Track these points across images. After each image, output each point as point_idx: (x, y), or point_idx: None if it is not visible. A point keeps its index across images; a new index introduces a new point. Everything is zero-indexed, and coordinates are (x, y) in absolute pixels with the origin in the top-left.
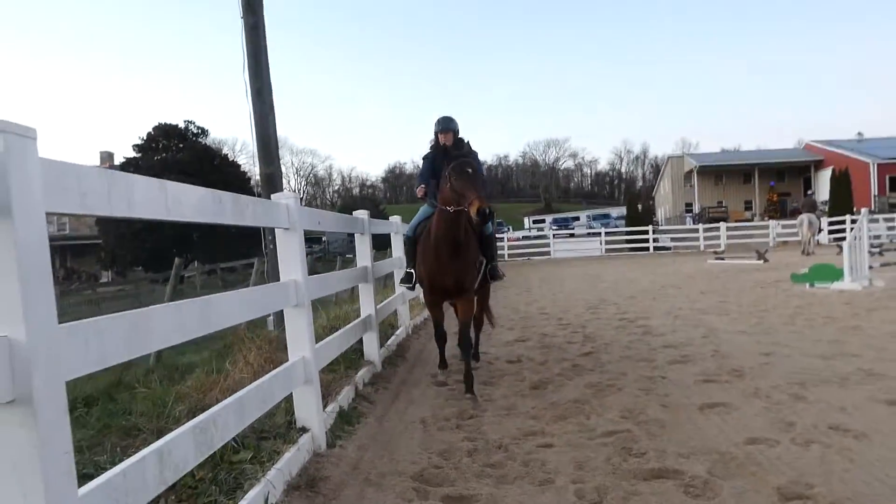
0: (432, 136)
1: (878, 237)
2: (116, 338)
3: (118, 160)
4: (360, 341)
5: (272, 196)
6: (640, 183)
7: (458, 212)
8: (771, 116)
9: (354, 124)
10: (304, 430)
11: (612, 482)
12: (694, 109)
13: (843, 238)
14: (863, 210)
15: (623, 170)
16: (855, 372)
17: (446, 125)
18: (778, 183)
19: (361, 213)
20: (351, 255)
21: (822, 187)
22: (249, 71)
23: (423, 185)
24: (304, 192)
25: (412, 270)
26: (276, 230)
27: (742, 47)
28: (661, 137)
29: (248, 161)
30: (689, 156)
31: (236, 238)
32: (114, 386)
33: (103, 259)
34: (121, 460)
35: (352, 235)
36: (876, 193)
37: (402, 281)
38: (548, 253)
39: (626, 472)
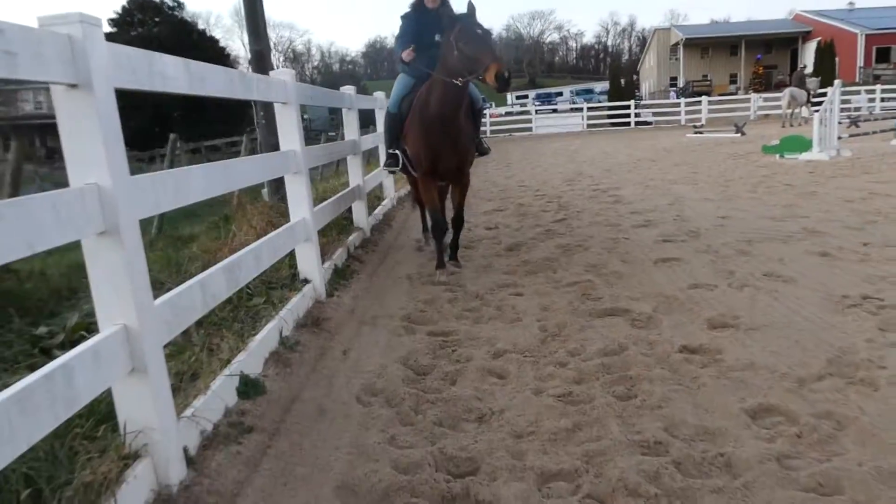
0: None
1: (857, 108)
2: (168, 190)
3: None
4: (350, 210)
5: (271, 73)
6: (626, 56)
7: (464, 83)
8: None
9: None
10: (306, 281)
11: (571, 319)
12: None
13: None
14: (836, 82)
15: (609, 43)
16: (799, 231)
17: None
18: (765, 55)
19: (348, 89)
20: (333, 133)
21: (809, 59)
22: None
23: (412, 47)
24: (281, 66)
25: (397, 151)
26: (274, 104)
27: None
28: (650, 8)
29: (224, 35)
30: (676, 27)
31: (218, 117)
32: None
33: None
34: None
35: (333, 112)
36: (862, 65)
37: (387, 164)
38: (530, 129)
39: (584, 311)
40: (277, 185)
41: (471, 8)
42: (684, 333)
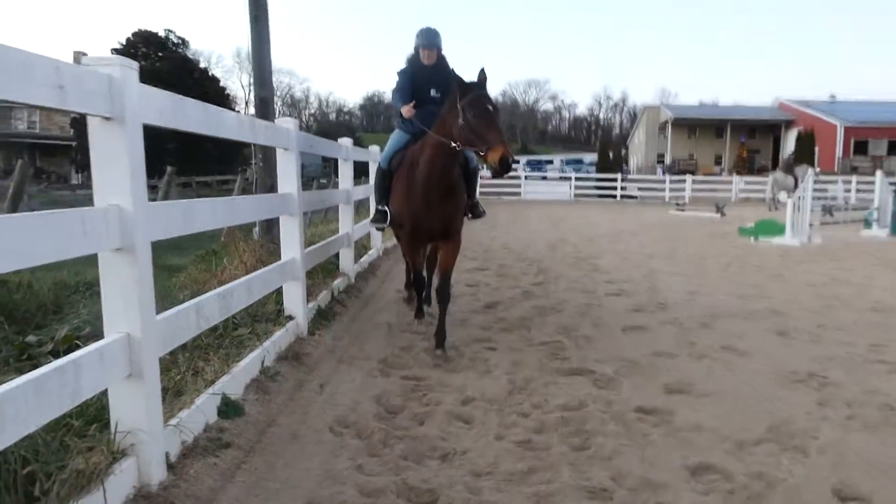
0: (411, 51)
1: (834, 198)
2: (178, 217)
3: None
4: (338, 256)
5: (276, 121)
6: (616, 130)
7: (453, 149)
8: (752, 73)
9: (334, 48)
10: (290, 317)
11: (538, 375)
12: (677, 60)
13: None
14: (808, 171)
15: (601, 116)
16: (762, 310)
17: (430, 40)
18: (749, 139)
19: (346, 141)
20: (325, 180)
21: (791, 147)
22: None
23: (412, 103)
24: (279, 112)
25: (385, 208)
26: (277, 149)
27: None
28: (642, 86)
29: (224, 75)
30: (666, 106)
31: (212, 154)
32: None
33: (78, 161)
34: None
35: (326, 160)
36: (840, 155)
37: (374, 220)
38: (518, 194)
39: (551, 369)
40: (268, 225)
41: (482, 78)
42: (641, 395)
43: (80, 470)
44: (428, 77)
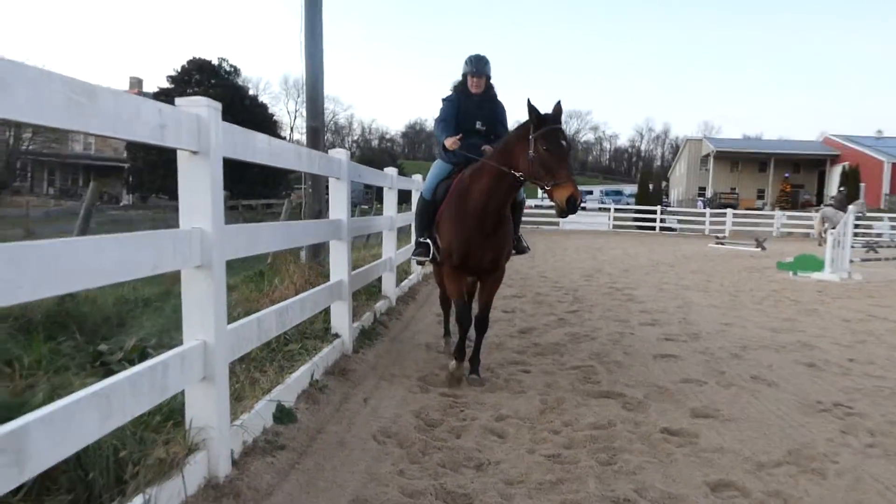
0: (458, 78)
1: (879, 234)
2: (244, 239)
3: (147, 87)
4: (380, 279)
5: (330, 151)
6: (658, 162)
7: (517, 179)
8: (798, 106)
9: (377, 76)
10: (336, 335)
11: (570, 397)
12: (721, 93)
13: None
14: (850, 208)
15: (643, 147)
16: (793, 343)
17: (480, 68)
18: (793, 175)
19: (391, 170)
20: (366, 206)
21: (836, 182)
22: (305, 33)
23: (459, 136)
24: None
25: (428, 241)
26: (329, 178)
27: (780, 34)
28: (685, 119)
29: (271, 101)
30: (708, 139)
31: (259, 178)
32: (165, 294)
33: (130, 182)
34: None
35: (367, 187)
36: (888, 192)
37: (416, 253)
38: (557, 223)
39: (582, 391)
40: (315, 250)
41: (558, 110)
42: (668, 418)
43: (161, 458)
44: (474, 107)
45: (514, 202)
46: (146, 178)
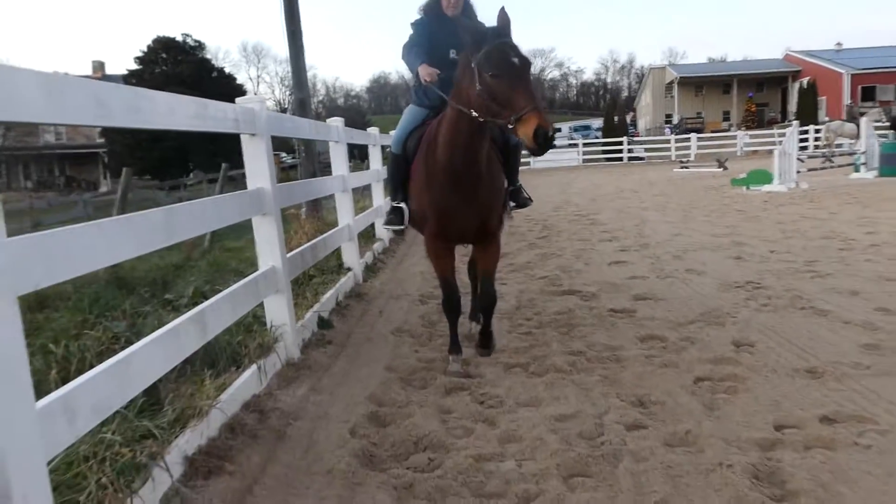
0: None
1: (839, 146)
2: (287, 194)
3: (110, 70)
4: (373, 225)
5: (328, 120)
6: (625, 93)
7: (478, 121)
8: (761, 25)
9: (336, 31)
10: (349, 269)
11: (539, 296)
12: (684, 18)
13: (805, 148)
14: (793, 123)
15: (609, 80)
16: (728, 243)
17: None
18: (757, 93)
19: (374, 130)
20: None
21: (797, 98)
22: (285, 15)
23: (434, 68)
24: (288, 101)
25: (402, 205)
26: (329, 143)
27: None
28: (649, 47)
29: (232, 68)
30: (671, 67)
31: (235, 149)
32: (187, 260)
33: (109, 167)
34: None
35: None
36: (848, 103)
37: (388, 222)
38: (528, 163)
39: (549, 292)
40: (314, 205)
41: (504, 20)
42: (614, 303)
43: (260, 343)
44: (449, 33)
45: (506, 147)
46: (127, 161)
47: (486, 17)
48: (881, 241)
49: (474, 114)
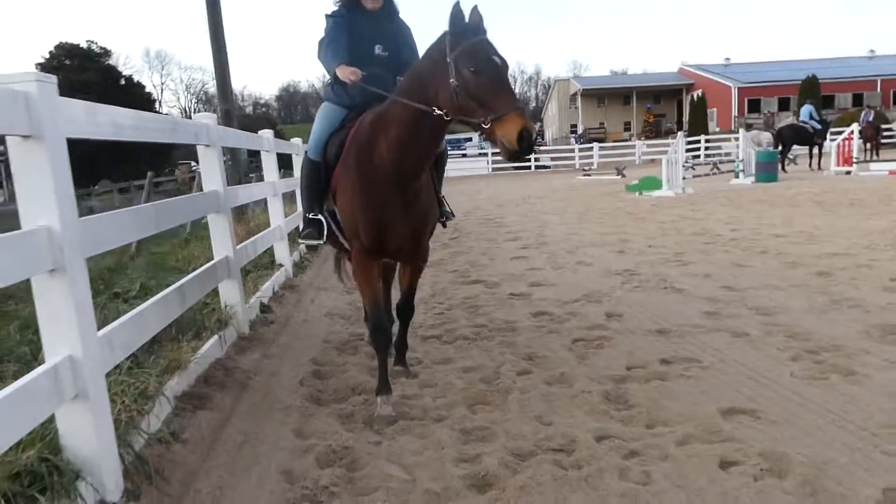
0: None
1: (727, 154)
2: (244, 194)
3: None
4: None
5: (259, 132)
6: (533, 104)
7: (442, 119)
8: (659, 41)
9: (244, 38)
10: (280, 265)
11: (450, 286)
12: (588, 32)
13: (697, 158)
14: (679, 133)
15: (517, 90)
16: (615, 241)
17: None
18: (655, 105)
19: (296, 140)
20: (252, 175)
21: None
22: (210, 31)
23: (354, 67)
24: (195, 109)
25: (320, 217)
26: (261, 152)
27: None
28: (554, 59)
29: (135, 74)
30: (575, 79)
31: (144, 158)
32: (119, 263)
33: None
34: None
35: (251, 155)
36: (736, 115)
37: (304, 235)
38: None
39: (458, 282)
40: (241, 210)
41: (476, 17)
42: (513, 289)
43: (219, 319)
44: (372, 26)
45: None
46: None
47: (436, 15)
48: (740, 237)
49: (438, 112)
